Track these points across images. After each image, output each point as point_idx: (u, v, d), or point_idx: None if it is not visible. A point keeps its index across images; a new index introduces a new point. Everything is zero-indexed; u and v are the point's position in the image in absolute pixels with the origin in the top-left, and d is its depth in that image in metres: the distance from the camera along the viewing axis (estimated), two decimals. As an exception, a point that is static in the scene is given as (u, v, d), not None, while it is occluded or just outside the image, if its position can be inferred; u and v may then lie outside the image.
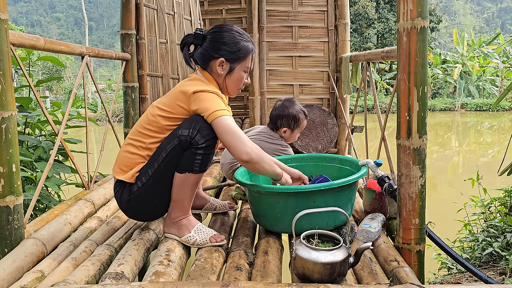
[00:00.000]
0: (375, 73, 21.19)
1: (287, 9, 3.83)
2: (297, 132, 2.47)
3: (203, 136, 1.59)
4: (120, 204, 1.75)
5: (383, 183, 1.87)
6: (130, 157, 1.70)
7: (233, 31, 1.71)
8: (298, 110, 2.42)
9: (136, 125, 1.75)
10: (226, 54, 1.69)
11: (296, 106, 2.43)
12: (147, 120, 1.70)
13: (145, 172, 1.66)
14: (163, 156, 1.63)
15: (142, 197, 1.68)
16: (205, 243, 1.71)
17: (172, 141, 1.62)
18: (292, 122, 2.40)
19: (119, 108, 16.74)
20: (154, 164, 1.64)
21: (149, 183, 1.65)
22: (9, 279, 1.40)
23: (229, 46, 1.69)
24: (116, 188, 1.75)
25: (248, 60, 1.74)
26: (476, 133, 13.95)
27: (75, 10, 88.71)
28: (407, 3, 1.53)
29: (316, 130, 3.77)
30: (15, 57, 1.74)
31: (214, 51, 1.70)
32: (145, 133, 1.68)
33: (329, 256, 1.37)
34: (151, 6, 3.42)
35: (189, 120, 1.63)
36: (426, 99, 1.57)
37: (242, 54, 1.71)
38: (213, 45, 1.70)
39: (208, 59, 1.71)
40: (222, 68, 1.71)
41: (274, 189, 1.77)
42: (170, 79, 3.71)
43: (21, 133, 2.80)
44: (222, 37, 1.70)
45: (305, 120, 2.45)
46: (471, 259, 2.32)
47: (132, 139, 1.72)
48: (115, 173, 1.73)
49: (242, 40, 1.71)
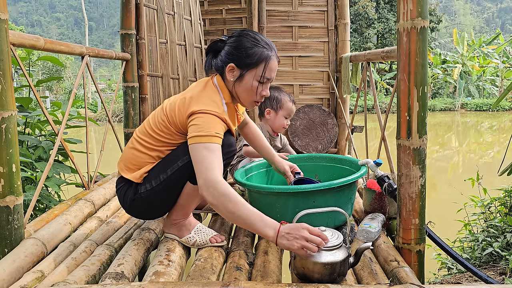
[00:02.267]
0: (375, 73, 21.19)
1: (287, 9, 3.83)
2: (283, 116, 2.38)
3: (224, 154, 1.53)
4: (123, 202, 1.73)
5: (382, 183, 1.87)
6: (139, 155, 1.67)
7: (249, 36, 1.62)
8: (281, 94, 2.38)
9: (145, 124, 1.72)
10: (236, 59, 1.60)
11: (281, 92, 2.40)
12: (156, 122, 1.66)
13: (156, 176, 1.63)
14: (179, 166, 1.59)
15: (148, 200, 1.66)
16: (205, 243, 1.71)
17: None
18: (274, 103, 2.37)
19: (119, 108, 16.74)
20: (167, 171, 1.61)
21: (159, 188, 1.63)
22: (9, 279, 1.40)
23: (240, 51, 1.60)
24: (120, 185, 1.72)
25: (260, 68, 1.60)
26: (476, 133, 13.95)
27: (75, 10, 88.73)
28: (407, 3, 1.53)
29: (316, 130, 3.77)
30: (15, 57, 1.74)
31: (226, 56, 1.63)
32: (154, 136, 1.65)
33: (329, 256, 1.36)
34: (151, 6, 3.42)
35: None
36: (426, 99, 1.57)
37: (253, 60, 1.59)
38: (228, 50, 1.63)
39: (223, 64, 1.64)
40: (232, 74, 1.62)
41: (274, 189, 1.77)
42: (170, 79, 3.71)
43: (21, 133, 2.80)
44: (235, 42, 1.62)
45: (289, 103, 2.37)
46: (471, 259, 2.32)
47: (141, 139, 1.68)
48: (120, 169, 1.71)
49: (255, 46, 1.60)
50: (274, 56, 1.63)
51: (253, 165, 2.16)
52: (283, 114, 2.38)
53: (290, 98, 2.41)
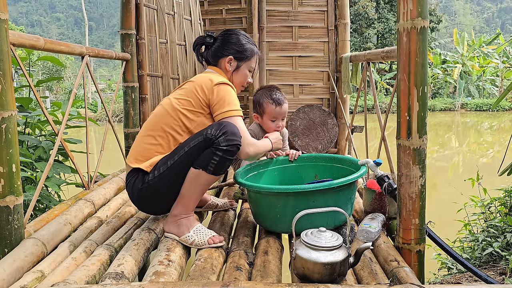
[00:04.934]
0: (375, 73, 21.19)
1: (287, 9, 3.83)
2: (268, 119, 2.27)
3: (226, 139, 1.65)
4: (131, 194, 1.79)
5: (382, 183, 1.87)
6: (149, 147, 1.77)
7: (241, 35, 1.96)
8: (264, 97, 2.26)
9: (154, 117, 1.81)
10: (234, 53, 1.92)
11: (266, 93, 2.28)
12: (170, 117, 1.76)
13: (165, 162, 1.71)
14: (185, 150, 1.69)
15: (155, 186, 1.71)
16: (203, 244, 1.71)
17: (197, 137, 1.69)
18: (257, 108, 2.31)
19: (119, 108, 16.74)
20: (175, 156, 1.70)
21: (165, 174, 1.69)
22: (9, 279, 1.40)
23: (237, 46, 1.92)
24: (129, 178, 1.79)
25: (252, 60, 1.97)
26: (476, 133, 13.95)
27: (75, 10, 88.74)
28: (407, 3, 1.53)
29: (316, 130, 3.77)
30: (15, 57, 1.74)
31: (224, 50, 1.92)
32: (170, 132, 1.76)
33: (329, 256, 1.37)
34: (151, 6, 3.42)
35: (218, 123, 1.71)
36: (426, 99, 1.57)
37: (248, 54, 1.94)
38: (224, 44, 1.93)
39: (219, 57, 1.93)
40: (230, 65, 1.93)
41: (274, 189, 1.77)
42: (170, 79, 3.71)
43: (21, 133, 2.80)
44: (231, 39, 1.93)
45: (271, 105, 2.24)
46: (471, 259, 2.32)
47: (153, 133, 1.77)
48: (130, 162, 1.78)
49: (248, 42, 1.96)
50: (259, 51, 2.05)
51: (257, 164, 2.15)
52: (268, 118, 2.27)
53: (275, 99, 2.25)
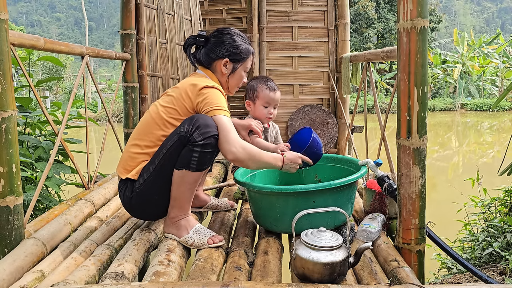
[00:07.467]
0: (375, 73, 21.18)
1: (287, 9, 3.83)
2: (261, 105, 2.24)
3: (201, 134, 1.59)
4: (124, 203, 1.77)
5: (383, 183, 1.87)
6: (135, 156, 1.73)
7: (235, 34, 1.84)
8: (258, 82, 2.25)
9: (140, 126, 1.77)
10: (230, 55, 1.81)
11: (261, 80, 2.26)
12: (157, 126, 1.71)
13: (147, 168, 1.68)
14: (163, 153, 1.65)
15: (143, 194, 1.69)
16: (202, 244, 1.71)
17: (172, 137, 1.64)
18: (250, 93, 2.28)
19: (119, 108, 16.73)
20: (155, 161, 1.67)
21: (150, 180, 1.67)
22: (9, 279, 1.40)
23: (232, 48, 1.80)
24: (120, 187, 1.77)
25: (248, 61, 1.87)
26: (476, 133, 13.95)
27: (75, 10, 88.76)
28: (407, 3, 1.53)
29: (316, 130, 3.77)
30: (15, 57, 1.74)
31: (218, 51, 1.81)
32: (156, 142, 1.70)
33: (329, 256, 1.37)
34: (151, 6, 3.42)
35: (189, 118, 1.64)
36: (426, 99, 1.57)
37: (244, 55, 1.84)
38: (218, 46, 1.81)
39: (212, 59, 1.82)
40: (226, 68, 1.82)
41: (274, 189, 1.77)
42: (170, 79, 3.71)
43: (21, 133, 2.80)
44: (225, 39, 1.81)
45: (265, 90, 2.22)
46: (471, 259, 2.32)
47: (139, 142, 1.74)
48: (119, 173, 1.77)
49: (243, 42, 1.84)
50: (254, 50, 1.94)
51: None
52: (261, 103, 2.24)
53: (269, 85, 2.24)
